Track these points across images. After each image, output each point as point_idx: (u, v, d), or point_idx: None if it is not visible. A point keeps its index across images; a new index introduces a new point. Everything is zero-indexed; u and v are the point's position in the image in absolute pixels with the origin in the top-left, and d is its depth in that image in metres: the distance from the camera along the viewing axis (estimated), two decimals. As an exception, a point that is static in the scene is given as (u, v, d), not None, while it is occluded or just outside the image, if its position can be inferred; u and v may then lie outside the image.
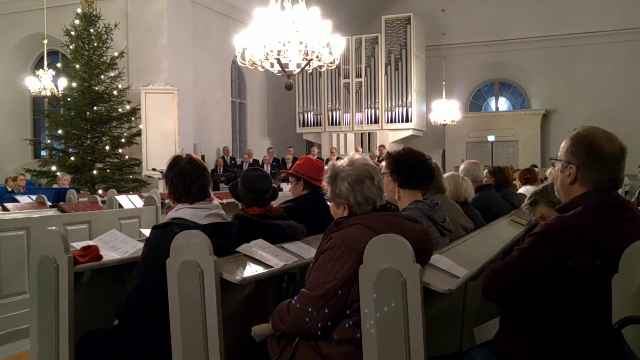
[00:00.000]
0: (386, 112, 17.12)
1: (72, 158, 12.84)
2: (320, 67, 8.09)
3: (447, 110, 17.65)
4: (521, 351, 2.01)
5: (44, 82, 13.08)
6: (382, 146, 15.90)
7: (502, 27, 18.47)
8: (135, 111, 13.26)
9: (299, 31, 7.40)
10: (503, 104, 20.57)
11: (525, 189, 6.27)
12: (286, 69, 7.76)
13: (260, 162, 15.15)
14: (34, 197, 7.95)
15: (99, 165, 12.94)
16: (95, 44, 12.91)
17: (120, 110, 13.15)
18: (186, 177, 2.72)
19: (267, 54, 7.43)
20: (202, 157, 13.94)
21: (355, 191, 2.26)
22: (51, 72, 13.12)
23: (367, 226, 2.17)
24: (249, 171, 3.29)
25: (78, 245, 2.97)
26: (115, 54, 13.03)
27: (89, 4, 13.01)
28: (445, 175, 3.81)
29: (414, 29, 16.93)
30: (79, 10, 13.00)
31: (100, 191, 11.57)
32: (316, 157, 14.30)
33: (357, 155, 2.39)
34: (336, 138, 17.66)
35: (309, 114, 17.89)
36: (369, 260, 2.05)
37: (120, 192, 9.24)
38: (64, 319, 2.68)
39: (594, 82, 17.86)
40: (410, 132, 17.14)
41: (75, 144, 13.04)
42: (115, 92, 13.10)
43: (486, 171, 5.79)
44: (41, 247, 2.76)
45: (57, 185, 10.52)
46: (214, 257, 2.39)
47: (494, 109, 20.51)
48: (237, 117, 17.92)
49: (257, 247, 2.75)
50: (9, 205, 6.75)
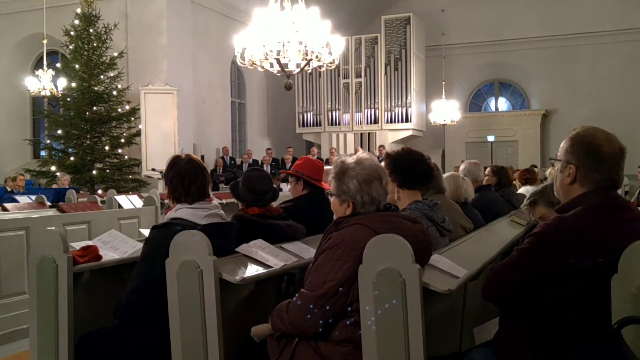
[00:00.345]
0: (386, 112, 17.11)
1: (71, 158, 12.84)
2: (319, 67, 8.09)
3: (446, 110, 17.63)
4: (521, 351, 2.01)
5: (44, 82, 13.08)
6: (381, 146, 15.89)
7: (501, 27, 18.45)
8: (134, 111, 13.26)
9: (299, 31, 7.40)
10: (503, 104, 20.55)
11: (525, 189, 6.28)
12: (286, 69, 7.75)
13: (260, 163, 15.14)
14: (33, 197, 7.95)
15: (98, 165, 12.94)
16: (94, 44, 12.91)
17: (119, 110, 13.15)
18: (185, 177, 2.72)
19: (266, 54, 7.43)
20: (202, 157, 13.94)
21: (363, 190, 2.24)
22: (51, 72, 13.13)
23: (367, 226, 2.16)
24: (250, 171, 3.29)
25: (77, 245, 2.97)
26: (115, 54, 13.03)
27: (88, 4, 13.01)
28: (445, 176, 3.81)
29: (413, 29, 16.92)
30: (78, 10, 13.00)
31: (99, 191, 11.56)
32: (316, 157, 14.30)
33: (365, 155, 2.38)
34: (336, 138, 17.65)
35: (308, 114, 17.88)
36: (368, 260, 2.04)
37: (119, 192, 9.24)
38: (63, 319, 2.67)
39: (594, 82, 17.85)
40: (409, 132, 17.13)
41: (74, 144, 13.04)
42: (114, 92, 13.10)
43: (489, 170, 5.80)
44: (40, 247, 2.76)
45: (56, 186, 10.51)
46: (213, 257, 2.38)
47: (493, 109, 20.50)
48: (236, 117, 17.91)
49: (257, 247, 2.75)
50: (8, 205, 6.75)
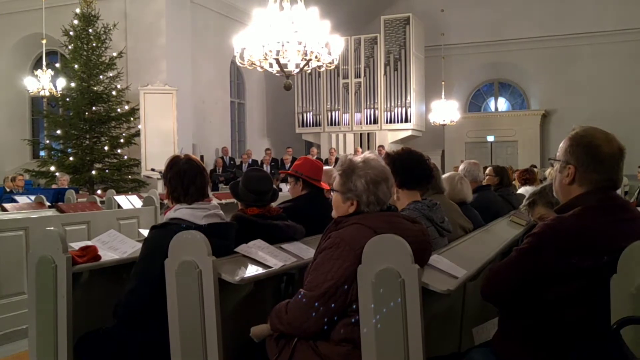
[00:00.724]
0: (385, 113, 17.11)
1: (70, 158, 12.84)
2: (319, 67, 8.08)
3: (446, 110, 17.63)
4: (520, 351, 2.01)
5: (43, 82, 13.07)
6: (381, 146, 15.88)
7: (501, 27, 18.45)
8: (134, 111, 13.26)
9: (298, 31, 7.40)
10: (502, 104, 20.55)
11: (524, 189, 6.27)
12: (285, 69, 7.75)
13: (259, 163, 15.14)
14: (32, 197, 7.94)
15: (97, 165, 12.94)
16: (94, 44, 12.92)
17: (119, 110, 13.15)
18: (185, 177, 2.72)
19: (266, 54, 7.43)
20: (201, 157, 13.93)
21: (369, 191, 2.23)
22: (50, 72, 13.12)
23: (367, 226, 2.16)
24: (250, 171, 3.29)
25: (77, 245, 2.97)
26: (114, 54, 13.03)
27: (87, 4, 13.01)
28: (443, 177, 3.81)
29: (413, 29, 16.93)
30: (77, 10, 13.01)
31: (99, 191, 11.55)
32: (315, 157, 14.30)
33: (372, 155, 2.36)
34: (335, 138, 17.65)
35: (308, 114, 17.88)
36: (367, 260, 2.04)
37: (119, 193, 9.25)
38: (62, 319, 2.67)
39: (594, 82, 17.84)
40: (409, 133, 17.14)
41: (74, 144, 13.05)
42: (114, 93, 13.10)
43: (490, 170, 5.80)
44: (40, 247, 2.76)
45: (55, 186, 10.50)
46: (212, 257, 2.38)
47: (493, 109, 20.50)
48: (236, 117, 17.91)
49: (256, 247, 2.74)
50: (7, 205, 6.75)
